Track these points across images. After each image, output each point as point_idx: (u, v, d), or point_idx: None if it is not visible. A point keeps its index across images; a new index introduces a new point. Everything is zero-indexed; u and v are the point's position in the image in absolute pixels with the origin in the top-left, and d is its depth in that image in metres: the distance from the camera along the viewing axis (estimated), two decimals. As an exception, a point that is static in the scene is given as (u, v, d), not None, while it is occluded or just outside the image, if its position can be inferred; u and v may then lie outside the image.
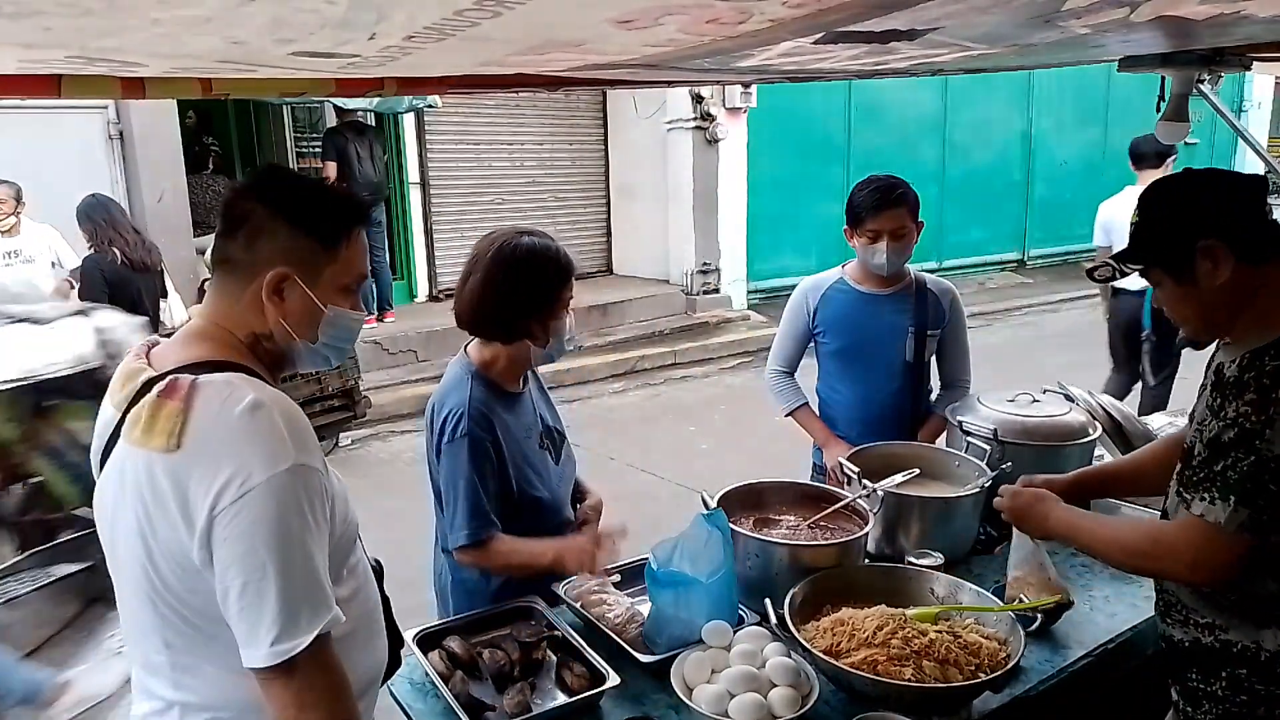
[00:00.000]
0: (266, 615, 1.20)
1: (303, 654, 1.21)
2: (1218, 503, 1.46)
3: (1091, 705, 1.95)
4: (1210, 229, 1.51)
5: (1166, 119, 2.64)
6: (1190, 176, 1.62)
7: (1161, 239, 1.58)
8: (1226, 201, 1.56)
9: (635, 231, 10.25)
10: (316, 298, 1.36)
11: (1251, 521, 1.44)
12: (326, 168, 7.68)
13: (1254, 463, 1.43)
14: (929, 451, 2.58)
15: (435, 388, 2.13)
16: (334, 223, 1.37)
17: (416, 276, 9.15)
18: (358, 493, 1.50)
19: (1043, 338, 9.44)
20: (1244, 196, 1.56)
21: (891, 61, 2.00)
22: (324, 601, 1.25)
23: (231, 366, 1.31)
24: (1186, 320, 1.62)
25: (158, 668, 1.33)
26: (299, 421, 1.28)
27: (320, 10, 1.06)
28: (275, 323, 1.35)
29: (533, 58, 1.60)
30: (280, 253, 1.33)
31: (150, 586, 1.28)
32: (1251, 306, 1.53)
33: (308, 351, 1.41)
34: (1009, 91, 12.16)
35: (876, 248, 2.71)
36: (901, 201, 2.69)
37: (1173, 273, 1.57)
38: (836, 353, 2.90)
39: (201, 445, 1.21)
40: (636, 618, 1.97)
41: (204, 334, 1.36)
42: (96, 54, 1.33)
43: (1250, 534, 1.45)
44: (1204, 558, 1.49)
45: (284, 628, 1.20)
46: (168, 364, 1.31)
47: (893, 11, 1.30)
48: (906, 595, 1.95)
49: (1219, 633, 1.59)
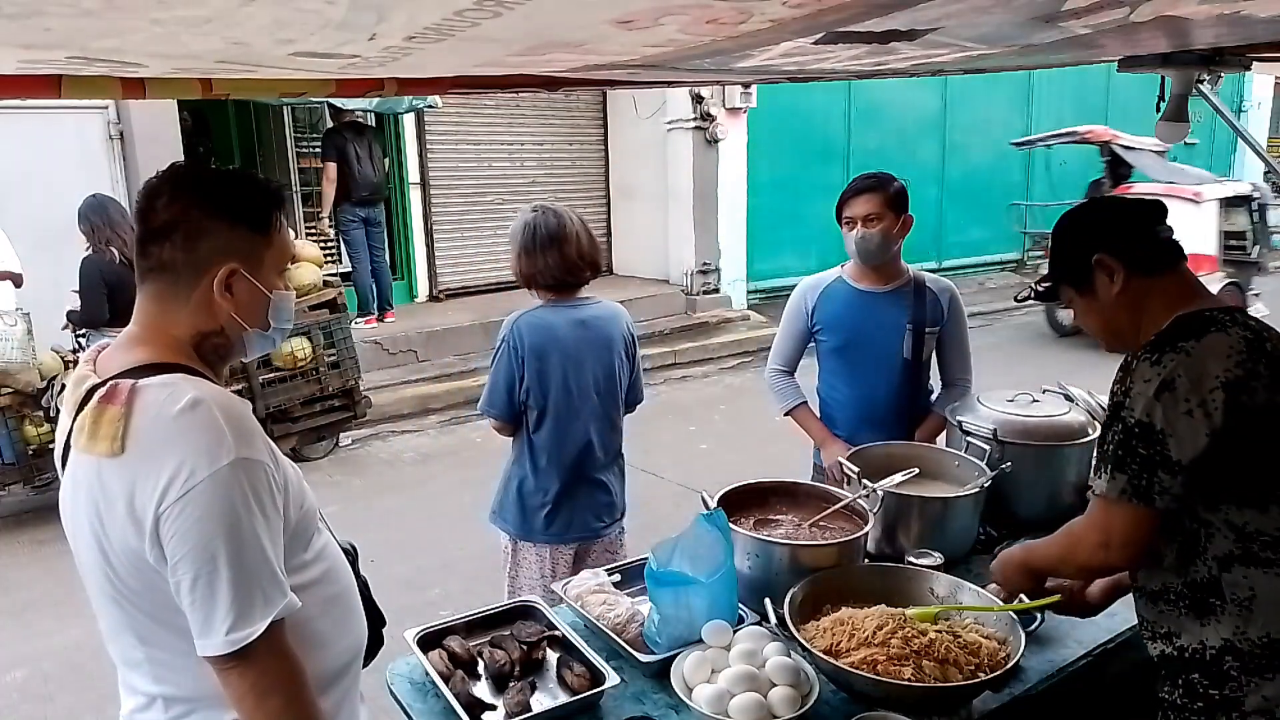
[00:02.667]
0: (220, 606, 1.22)
1: (258, 641, 1.23)
2: (1101, 476, 1.57)
3: (1091, 705, 1.96)
4: (1103, 245, 1.68)
5: (1166, 119, 2.64)
6: (1090, 204, 1.81)
7: (1065, 258, 1.75)
8: (1118, 222, 1.72)
9: (635, 231, 10.25)
10: (262, 285, 1.39)
11: (1131, 487, 1.52)
12: (327, 168, 7.67)
13: (1121, 429, 1.54)
14: (929, 451, 2.58)
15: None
16: (264, 209, 1.40)
17: (416, 276, 9.15)
18: (358, 493, 1.51)
19: (1043, 338, 9.44)
20: (1135, 218, 1.72)
21: (892, 62, 2.00)
22: (278, 589, 1.27)
23: (174, 368, 1.32)
24: (1096, 331, 1.77)
25: (136, 664, 1.36)
26: (241, 417, 1.29)
27: (320, 11, 1.06)
28: (227, 318, 1.37)
29: (533, 58, 1.60)
30: (223, 249, 1.35)
31: (113, 588, 1.31)
32: (1149, 315, 1.65)
33: (259, 338, 1.44)
34: (1009, 91, 12.16)
35: (851, 234, 2.76)
36: (876, 188, 2.73)
37: (1076, 287, 1.74)
38: (835, 350, 2.91)
39: (144, 447, 1.23)
40: (636, 618, 1.97)
41: (144, 338, 1.37)
42: (97, 54, 1.32)
43: (1136, 500, 1.52)
44: (1110, 535, 1.57)
45: (238, 616, 1.22)
46: (111, 370, 1.32)
47: (893, 12, 1.30)
48: (906, 595, 1.95)
49: (1174, 640, 1.63)
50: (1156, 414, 1.49)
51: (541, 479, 2.79)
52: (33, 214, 6.29)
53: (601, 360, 2.79)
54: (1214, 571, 1.55)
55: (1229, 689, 1.55)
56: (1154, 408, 1.49)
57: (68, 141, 6.73)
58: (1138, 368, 1.55)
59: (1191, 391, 1.48)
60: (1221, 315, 1.59)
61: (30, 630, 4.04)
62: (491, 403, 2.77)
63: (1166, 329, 1.59)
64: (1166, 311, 1.62)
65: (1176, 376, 1.49)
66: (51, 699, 3.56)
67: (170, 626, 1.29)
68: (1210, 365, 1.49)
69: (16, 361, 4.86)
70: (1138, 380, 1.54)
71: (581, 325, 2.76)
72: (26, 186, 6.49)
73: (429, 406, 7.23)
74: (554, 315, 2.75)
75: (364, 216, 7.92)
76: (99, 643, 1.43)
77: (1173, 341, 1.53)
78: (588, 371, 2.76)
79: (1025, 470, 2.40)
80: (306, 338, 5.80)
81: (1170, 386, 1.49)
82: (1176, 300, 1.63)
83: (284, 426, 5.77)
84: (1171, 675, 1.64)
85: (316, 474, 5.83)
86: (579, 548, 2.87)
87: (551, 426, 2.76)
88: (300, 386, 5.86)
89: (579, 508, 2.82)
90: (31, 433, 5.03)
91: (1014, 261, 12.83)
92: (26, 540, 4.97)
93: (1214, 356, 1.50)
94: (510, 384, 2.73)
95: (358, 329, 7.18)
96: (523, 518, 2.82)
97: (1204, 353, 1.50)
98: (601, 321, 2.80)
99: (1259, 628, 1.52)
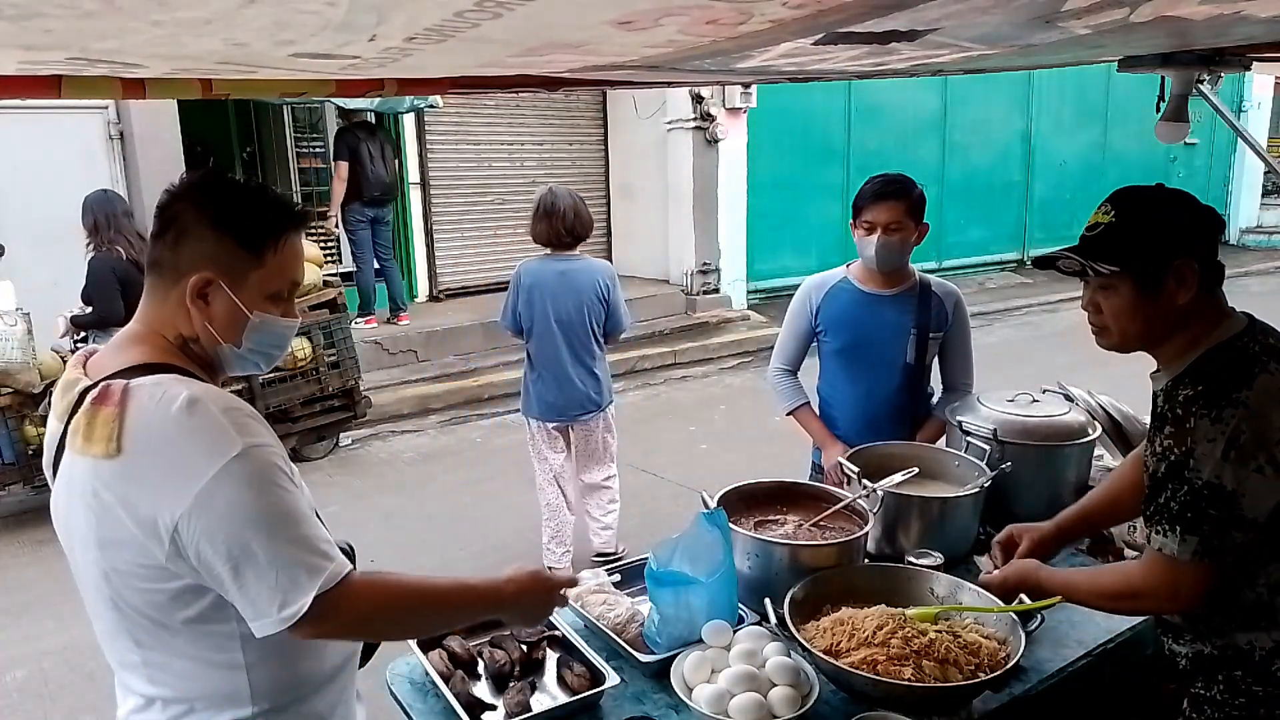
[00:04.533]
0: (264, 589, 1.22)
1: (315, 605, 1.23)
2: (1169, 535, 1.54)
3: (1091, 705, 1.96)
4: (1189, 250, 1.56)
5: (1166, 119, 2.64)
6: (1169, 195, 1.63)
7: (1140, 248, 1.58)
8: (1204, 228, 1.61)
9: (635, 232, 10.25)
10: (242, 303, 1.35)
11: (1203, 547, 1.50)
12: (339, 167, 7.66)
13: (1187, 492, 1.50)
14: (928, 451, 2.58)
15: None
16: (261, 229, 1.36)
17: (417, 276, 9.15)
18: (358, 493, 1.51)
19: (1043, 338, 9.45)
20: (1212, 226, 1.63)
21: (892, 62, 2.00)
22: (322, 555, 1.27)
23: (165, 368, 1.31)
24: (1124, 330, 1.63)
25: (133, 666, 1.36)
26: (237, 408, 1.28)
27: (321, 12, 1.06)
28: (200, 326, 1.35)
29: (533, 59, 1.59)
30: (203, 256, 1.33)
31: (111, 590, 1.30)
32: (1185, 330, 1.60)
33: (235, 356, 1.40)
34: (1009, 91, 12.16)
35: (869, 240, 2.70)
36: (901, 195, 2.68)
37: (1140, 283, 1.58)
38: (838, 352, 2.90)
39: (142, 448, 1.23)
40: (636, 618, 1.97)
41: (137, 338, 1.36)
42: (97, 55, 1.32)
43: (1207, 559, 1.50)
44: (1179, 590, 1.56)
45: (286, 594, 1.22)
46: (104, 371, 1.32)
47: (893, 13, 1.30)
48: (906, 595, 1.95)
49: (1215, 639, 1.63)
50: (1226, 475, 1.46)
51: (532, 372, 4.17)
52: (33, 214, 6.30)
53: (572, 299, 4.03)
54: (1265, 597, 1.56)
55: (1274, 687, 1.57)
56: (1223, 469, 1.46)
57: (68, 141, 6.73)
58: (1197, 425, 1.50)
59: (1259, 448, 1.46)
60: (1252, 347, 1.56)
61: (30, 630, 4.04)
62: (504, 318, 4.20)
63: (1207, 368, 1.55)
64: (1203, 331, 1.59)
65: (1241, 434, 1.46)
66: (51, 699, 3.56)
67: (166, 628, 1.30)
68: (1273, 416, 1.46)
69: (16, 361, 4.87)
70: (1200, 440, 1.49)
71: (561, 274, 4.04)
72: (26, 186, 6.49)
73: (429, 406, 7.23)
74: (545, 265, 4.07)
75: (372, 216, 7.92)
76: (99, 642, 1.43)
77: (1226, 393, 1.49)
78: (561, 306, 4.03)
79: (1025, 470, 2.40)
80: (306, 338, 5.80)
81: (1236, 444, 1.46)
82: (1212, 322, 1.60)
83: (284, 426, 5.77)
84: (1209, 672, 1.65)
85: (316, 474, 5.84)
86: (562, 425, 4.21)
87: (535, 339, 4.11)
88: (300, 386, 5.86)
89: (558, 397, 4.12)
90: (31, 433, 5.03)
91: (1014, 261, 12.84)
92: (26, 540, 4.97)
93: (1273, 403, 1.47)
94: (515, 306, 4.10)
95: (357, 329, 7.18)
96: (526, 399, 4.23)
97: (1261, 402, 1.47)
98: (576, 272, 4.04)
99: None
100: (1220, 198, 14.56)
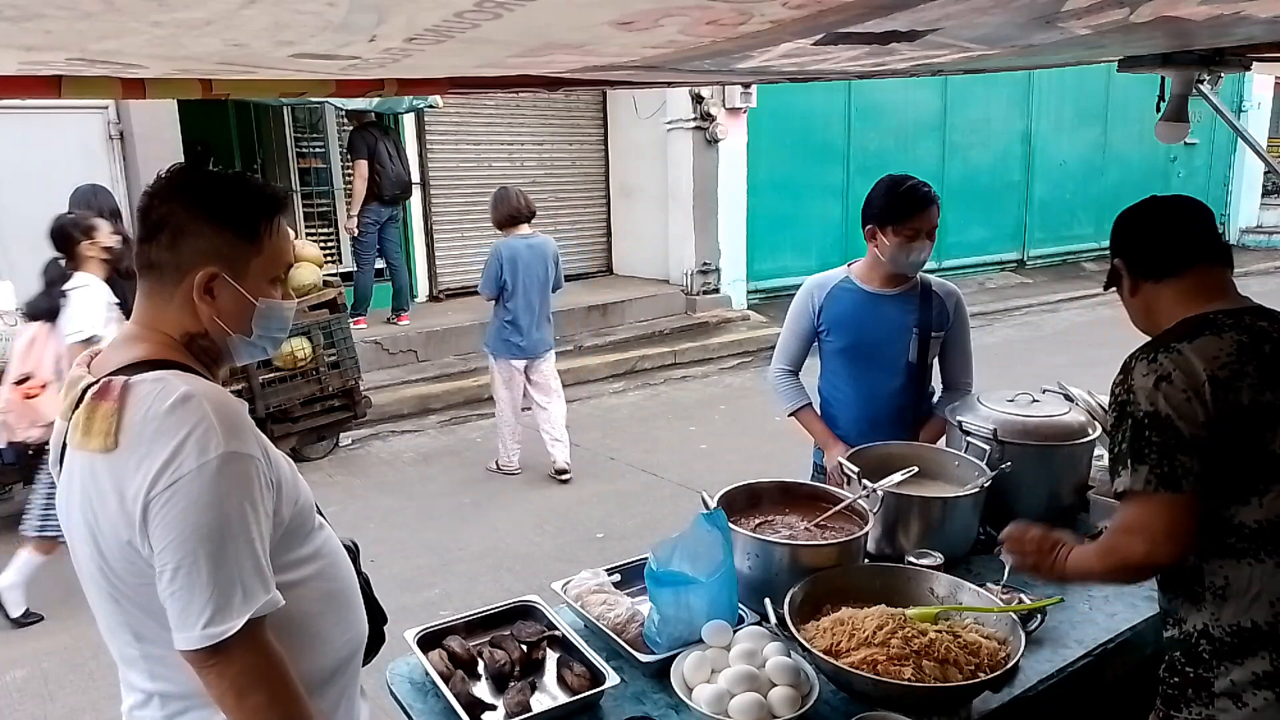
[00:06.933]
0: (198, 598, 1.21)
1: (235, 637, 1.22)
2: (1123, 472, 1.61)
3: (1091, 705, 1.96)
4: (1118, 250, 1.80)
5: (1166, 119, 2.64)
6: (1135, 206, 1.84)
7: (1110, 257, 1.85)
8: (1133, 227, 1.80)
9: (635, 232, 10.25)
10: (247, 292, 1.37)
11: (1156, 476, 1.56)
12: (358, 165, 7.67)
13: (1131, 424, 1.60)
14: (929, 451, 2.58)
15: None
16: (253, 215, 1.38)
17: (417, 276, 9.14)
18: (358, 493, 1.51)
19: (1043, 338, 9.45)
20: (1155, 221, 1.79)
21: (892, 62, 2.00)
22: (260, 585, 1.25)
23: (167, 364, 1.32)
24: (1132, 322, 1.86)
25: (133, 660, 1.37)
26: (232, 412, 1.29)
27: (321, 13, 1.07)
28: (209, 321, 1.37)
29: (533, 59, 1.60)
30: (205, 252, 1.34)
31: (109, 584, 1.31)
32: (1162, 315, 1.72)
33: (245, 345, 1.43)
34: (1009, 91, 12.16)
35: (915, 245, 2.69)
36: (934, 197, 2.73)
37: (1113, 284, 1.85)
38: (840, 351, 2.89)
39: (135, 440, 1.24)
40: (636, 618, 1.97)
41: (138, 336, 1.37)
42: (97, 56, 1.33)
43: (1165, 488, 1.56)
44: (1152, 530, 1.58)
45: (216, 610, 1.21)
46: (106, 368, 1.33)
47: (893, 13, 1.30)
48: (906, 595, 1.95)
49: (1181, 625, 1.68)
50: (1160, 402, 1.56)
51: (508, 324, 5.52)
52: (33, 214, 6.27)
53: (539, 264, 5.52)
54: (1194, 561, 1.62)
55: (1201, 669, 1.63)
56: (1156, 397, 1.57)
57: (68, 141, 6.72)
58: (1135, 366, 1.63)
59: (1186, 384, 1.56)
60: (1222, 318, 1.63)
61: (30, 630, 4.03)
62: (484, 286, 5.58)
63: (1165, 331, 1.66)
64: (1179, 312, 1.68)
65: (1171, 371, 1.57)
66: (51, 699, 3.56)
67: (165, 622, 1.29)
68: (1197, 364, 1.57)
69: (16, 361, 4.85)
70: (1137, 377, 1.61)
71: (530, 247, 5.52)
72: (26, 186, 6.48)
73: (429, 406, 7.24)
74: (516, 241, 5.51)
75: (387, 216, 7.94)
76: (99, 642, 1.43)
77: (1166, 343, 1.62)
78: (532, 270, 5.48)
79: (1025, 470, 2.40)
80: (306, 338, 5.80)
81: (1168, 379, 1.57)
82: (1190, 302, 1.69)
83: (284, 426, 5.77)
84: (1168, 654, 1.72)
85: (316, 474, 5.84)
86: (526, 362, 5.61)
87: (514, 296, 5.47)
88: (300, 386, 5.86)
89: (526, 342, 5.55)
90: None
91: (1014, 261, 12.84)
92: (27, 540, 4.96)
93: (1202, 357, 1.58)
94: (496, 275, 5.46)
95: (357, 329, 7.18)
96: (499, 343, 5.59)
97: (1193, 353, 1.58)
98: (538, 244, 5.55)
99: (1230, 615, 1.60)
100: (1220, 198, 14.56)
